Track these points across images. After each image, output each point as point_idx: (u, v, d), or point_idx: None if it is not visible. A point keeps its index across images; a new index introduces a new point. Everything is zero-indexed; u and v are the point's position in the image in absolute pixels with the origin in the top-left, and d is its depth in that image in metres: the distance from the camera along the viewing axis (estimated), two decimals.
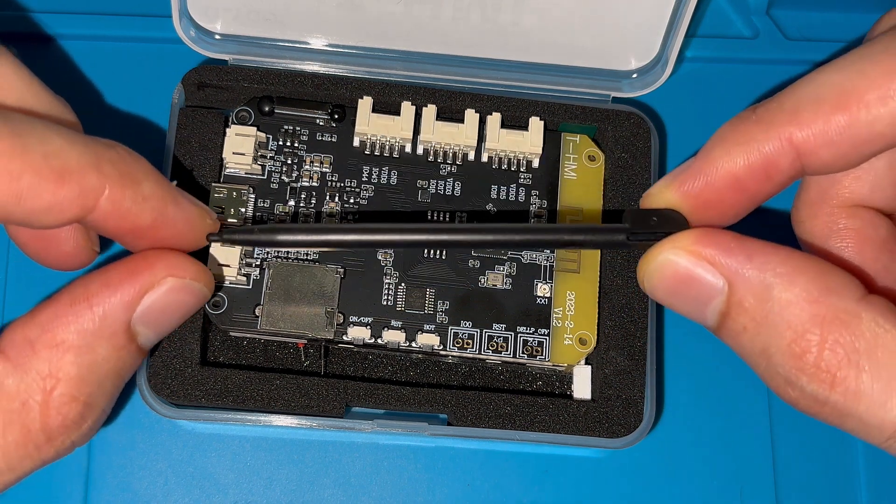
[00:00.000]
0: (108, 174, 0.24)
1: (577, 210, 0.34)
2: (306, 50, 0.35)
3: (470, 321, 0.32)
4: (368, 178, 0.33)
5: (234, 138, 0.32)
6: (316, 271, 0.32)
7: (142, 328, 0.26)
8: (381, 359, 0.34)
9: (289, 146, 0.33)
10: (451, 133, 0.33)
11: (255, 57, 0.34)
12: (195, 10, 0.34)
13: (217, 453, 0.34)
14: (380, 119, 0.33)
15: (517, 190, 0.34)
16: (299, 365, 0.34)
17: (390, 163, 0.33)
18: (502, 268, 0.33)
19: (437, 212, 0.33)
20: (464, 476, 0.34)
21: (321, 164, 0.33)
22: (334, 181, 0.33)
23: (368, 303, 0.32)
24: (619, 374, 0.33)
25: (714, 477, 0.35)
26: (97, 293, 0.26)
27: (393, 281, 0.32)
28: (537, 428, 0.32)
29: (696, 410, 0.35)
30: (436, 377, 0.34)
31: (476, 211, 0.33)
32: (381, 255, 0.32)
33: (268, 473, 0.34)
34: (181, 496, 0.34)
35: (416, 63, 0.35)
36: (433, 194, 0.33)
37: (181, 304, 0.27)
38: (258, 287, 0.31)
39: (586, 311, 0.33)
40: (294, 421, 0.32)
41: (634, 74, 0.36)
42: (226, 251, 0.31)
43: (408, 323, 0.32)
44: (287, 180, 0.33)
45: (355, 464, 0.34)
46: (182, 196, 0.27)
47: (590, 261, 0.33)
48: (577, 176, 0.34)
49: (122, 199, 0.25)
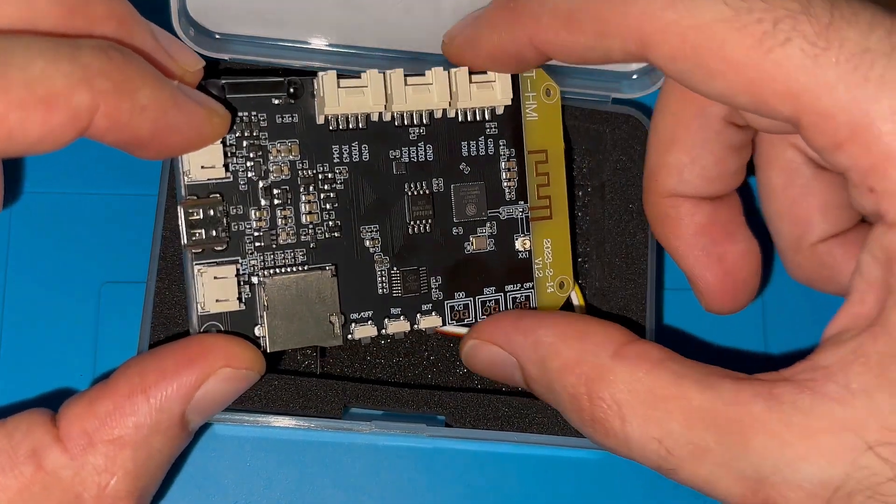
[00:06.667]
0: (100, 89, 0.23)
1: (542, 152, 0.33)
2: (306, 50, 0.34)
3: (462, 291, 0.32)
4: (340, 158, 0.30)
5: (196, 153, 0.28)
6: (311, 277, 0.30)
7: (194, 416, 0.27)
8: (380, 360, 0.34)
9: (249, 136, 0.29)
10: (422, 99, 0.31)
11: (255, 57, 0.33)
12: (194, 10, 0.32)
13: (216, 454, 0.34)
14: (349, 95, 0.30)
15: (486, 142, 0.32)
16: (297, 365, 0.33)
17: (360, 137, 0.30)
18: (484, 229, 0.32)
19: (416, 183, 0.31)
20: (462, 477, 0.35)
21: (288, 151, 0.29)
22: (305, 169, 0.30)
23: (365, 296, 0.31)
24: None
25: None
26: (154, 384, 0.25)
27: (385, 267, 0.31)
28: (535, 429, 0.33)
29: None
30: (434, 378, 0.34)
31: (451, 173, 0.32)
32: (368, 241, 0.31)
33: (267, 474, 0.34)
34: (180, 496, 0.34)
35: (416, 63, 0.33)
36: (407, 164, 0.31)
37: (234, 392, 0.27)
38: (252, 305, 0.29)
39: (562, 255, 0.33)
40: (293, 422, 0.32)
41: (634, 76, 0.35)
42: (220, 284, 0.28)
43: (407, 308, 0.31)
44: (255, 178, 0.29)
45: (354, 465, 0.34)
46: (185, 97, 0.25)
47: (560, 205, 0.33)
48: (538, 116, 0.33)
49: (118, 114, 0.23)
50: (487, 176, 0.32)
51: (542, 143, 0.33)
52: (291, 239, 0.30)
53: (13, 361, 0.34)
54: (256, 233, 0.29)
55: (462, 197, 0.32)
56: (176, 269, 0.32)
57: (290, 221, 0.30)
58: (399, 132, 0.31)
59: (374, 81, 0.30)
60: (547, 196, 0.33)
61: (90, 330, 0.34)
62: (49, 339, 0.34)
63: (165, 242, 0.32)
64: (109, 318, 0.34)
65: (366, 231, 0.31)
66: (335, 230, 0.30)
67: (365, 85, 0.30)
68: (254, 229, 0.29)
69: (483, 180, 0.32)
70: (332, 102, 0.29)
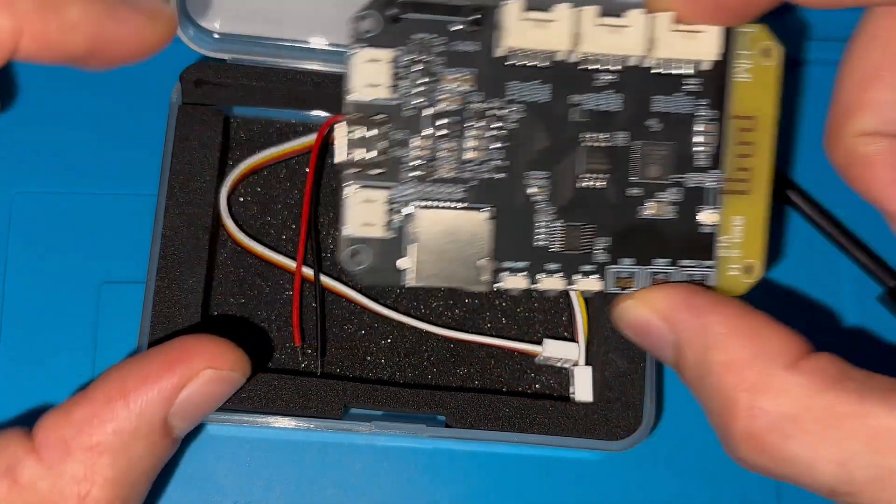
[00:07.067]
0: (21, 11, 0.22)
1: (750, 119, 0.29)
2: (306, 49, 0.34)
3: (631, 257, 0.29)
4: (516, 95, 0.28)
5: (363, 67, 0.27)
6: (466, 218, 0.28)
7: (178, 421, 0.26)
8: (380, 360, 0.34)
9: (421, 60, 0.28)
10: (616, 42, 0.28)
11: (255, 56, 0.34)
12: (194, 9, 0.33)
13: (215, 454, 0.34)
14: (535, 28, 0.27)
15: (683, 99, 0.29)
16: (297, 365, 0.34)
17: (540, 76, 0.28)
18: (665, 194, 0.29)
19: (596, 133, 0.29)
20: (462, 478, 0.34)
21: (461, 81, 0.28)
22: (476, 102, 0.28)
23: (521, 245, 0.29)
24: (619, 375, 0.33)
25: (714, 479, 0.35)
26: (134, 389, 0.25)
27: (548, 218, 0.29)
28: (536, 430, 0.32)
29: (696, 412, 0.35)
30: (434, 378, 0.34)
31: (638, 128, 0.29)
32: (533, 188, 0.28)
33: (266, 474, 0.34)
34: (180, 497, 0.34)
35: None
36: (590, 111, 0.29)
37: (219, 395, 0.27)
38: (400, 236, 0.28)
39: (754, 236, 0.30)
40: (292, 422, 0.32)
41: None
42: (368, 207, 0.27)
43: (565, 265, 0.29)
44: (422, 104, 0.28)
45: (353, 465, 0.34)
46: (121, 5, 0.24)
47: (761, 180, 0.30)
48: (751, 77, 0.29)
49: (45, 34, 0.22)
50: (679, 136, 0.29)
51: (751, 108, 0.29)
52: (451, 174, 0.28)
53: (13, 361, 0.34)
54: (415, 162, 0.28)
55: (646, 155, 0.29)
56: (176, 269, 0.33)
57: (454, 155, 0.28)
58: (585, 77, 0.28)
59: (563, 16, 0.27)
60: (747, 168, 0.29)
61: (90, 330, 0.35)
62: (49, 339, 0.34)
63: (165, 242, 0.33)
64: (109, 318, 0.35)
65: (532, 177, 0.28)
66: (499, 171, 0.28)
67: (553, 20, 0.27)
68: (413, 158, 0.28)
69: (673, 140, 0.29)
70: (516, 34, 0.27)
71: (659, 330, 0.28)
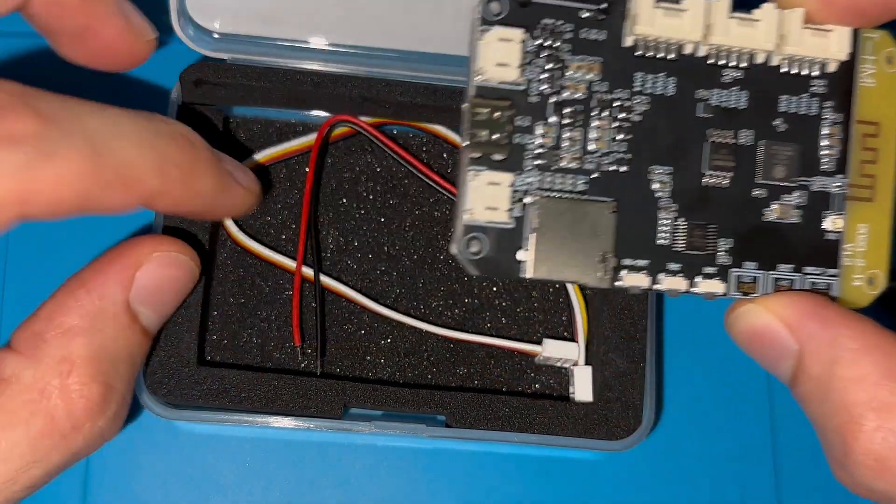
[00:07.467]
0: (170, 177, 0.25)
1: (874, 125, 0.29)
2: (306, 49, 0.34)
3: (754, 261, 0.28)
4: (642, 87, 0.27)
5: (494, 45, 0.26)
6: (588, 208, 0.27)
7: (141, 308, 0.27)
8: (380, 360, 0.34)
9: (549, 46, 0.27)
10: (745, 35, 0.27)
11: (255, 56, 0.34)
12: (194, 9, 0.33)
13: (215, 454, 0.34)
14: (665, 16, 0.27)
15: (809, 101, 0.28)
16: (297, 365, 0.34)
17: (667, 68, 0.28)
18: (790, 196, 0.28)
19: (721, 130, 0.28)
20: (462, 478, 0.34)
21: (588, 69, 0.27)
22: (602, 92, 0.27)
23: (642, 242, 0.27)
24: (619, 375, 0.33)
25: (714, 479, 0.35)
26: (91, 279, 0.26)
27: (670, 215, 0.28)
28: (536, 430, 0.32)
29: (695, 412, 0.35)
30: (434, 378, 0.34)
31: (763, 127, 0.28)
32: (656, 183, 0.27)
33: (266, 474, 0.33)
34: (179, 497, 0.33)
35: (416, 63, 0.34)
36: (715, 107, 0.28)
37: (173, 280, 0.28)
38: (520, 226, 0.27)
39: (879, 245, 0.29)
40: (292, 422, 0.32)
41: None
42: (493, 190, 0.26)
43: (687, 266, 0.28)
44: (548, 91, 0.27)
45: (353, 465, 0.34)
46: (233, 182, 0.27)
47: (885, 188, 0.29)
48: (875, 83, 0.29)
49: (178, 198, 0.25)
50: (804, 138, 0.28)
51: (875, 114, 0.29)
52: (574, 164, 0.27)
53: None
54: (539, 150, 0.27)
55: (772, 156, 0.28)
56: None
57: (577, 145, 0.27)
58: (712, 71, 0.28)
59: (695, 5, 0.27)
60: (871, 175, 0.29)
61: None
62: None
63: None
64: None
65: (656, 172, 0.27)
66: (623, 163, 0.27)
67: (685, 9, 0.27)
68: (537, 146, 0.27)
69: (799, 142, 0.28)
70: (646, 21, 0.27)
71: (780, 338, 0.26)
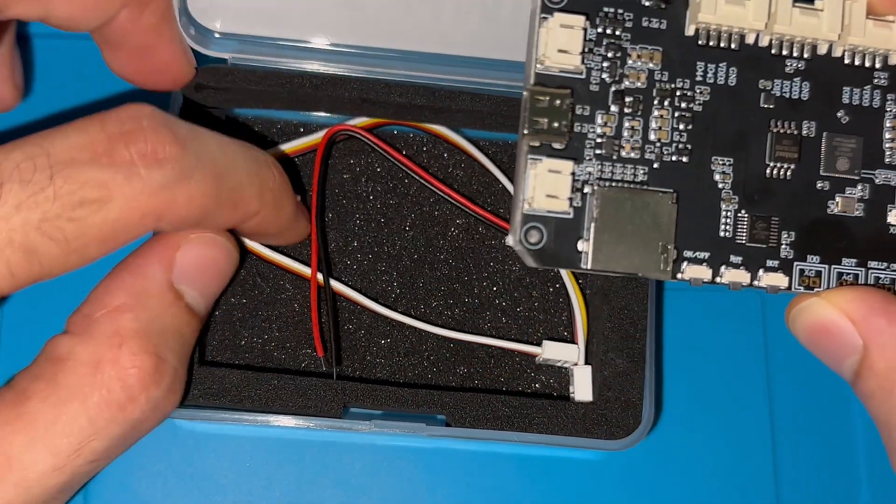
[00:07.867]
0: (265, 201, 0.27)
1: None
2: (306, 49, 0.34)
3: (817, 255, 0.27)
4: (704, 77, 0.27)
5: (556, 31, 0.26)
6: (649, 198, 0.26)
7: (185, 287, 0.27)
8: (380, 359, 0.34)
9: (610, 34, 0.27)
10: (808, 24, 0.27)
11: (255, 56, 0.34)
12: (195, 9, 0.33)
13: (215, 453, 0.34)
14: (727, 4, 0.26)
15: (872, 93, 0.28)
16: (297, 365, 0.34)
17: (729, 58, 0.27)
18: (854, 190, 0.28)
19: (784, 121, 0.27)
20: (462, 477, 0.34)
21: (649, 58, 0.27)
22: (663, 81, 0.27)
23: (704, 234, 0.27)
24: (618, 375, 0.33)
25: (713, 478, 0.35)
26: (134, 262, 0.27)
27: (732, 207, 0.27)
28: (535, 429, 0.32)
29: (695, 412, 0.35)
30: (434, 378, 0.34)
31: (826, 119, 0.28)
32: (718, 174, 0.27)
33: (266, 474, 0.33)
34: (180, 496, 0.33)
35: (417, 63, 0.34)
36: (777, 98, 0.27)
37: (212, 260, 0.28)
38: (580, 216, 0.26)
39: None
40: (292, 421, 0.32)
41: None
42: (553, 178, 0.26)
43: (749, 259, 0.27)
44: (608, 80, 0.27)
45: (354, 464, 0.34)
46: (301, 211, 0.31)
47: None
48: None
49: (266, 220, 0.28)
50: (867, 131, 0.28)
51: None
52: (635, 154, 0.27)
53: (13, 363, 0.33)
54: (599, 139, 0.26)
55: (834, 148, 0.28)
56: None
57: (637, 134, 0.27)
58: (774, 62, 0.27)
59: None
60: None
61: None
62: None
63: None
64: None
65: (717, 163, 0.27)
66: (683, 154, 0.27)
67: None
68: (597, 135, 0.26)
69: (862, 134, 0.28)
70: (708, 9, 0.26)
71: (845, 333, 0.26)
